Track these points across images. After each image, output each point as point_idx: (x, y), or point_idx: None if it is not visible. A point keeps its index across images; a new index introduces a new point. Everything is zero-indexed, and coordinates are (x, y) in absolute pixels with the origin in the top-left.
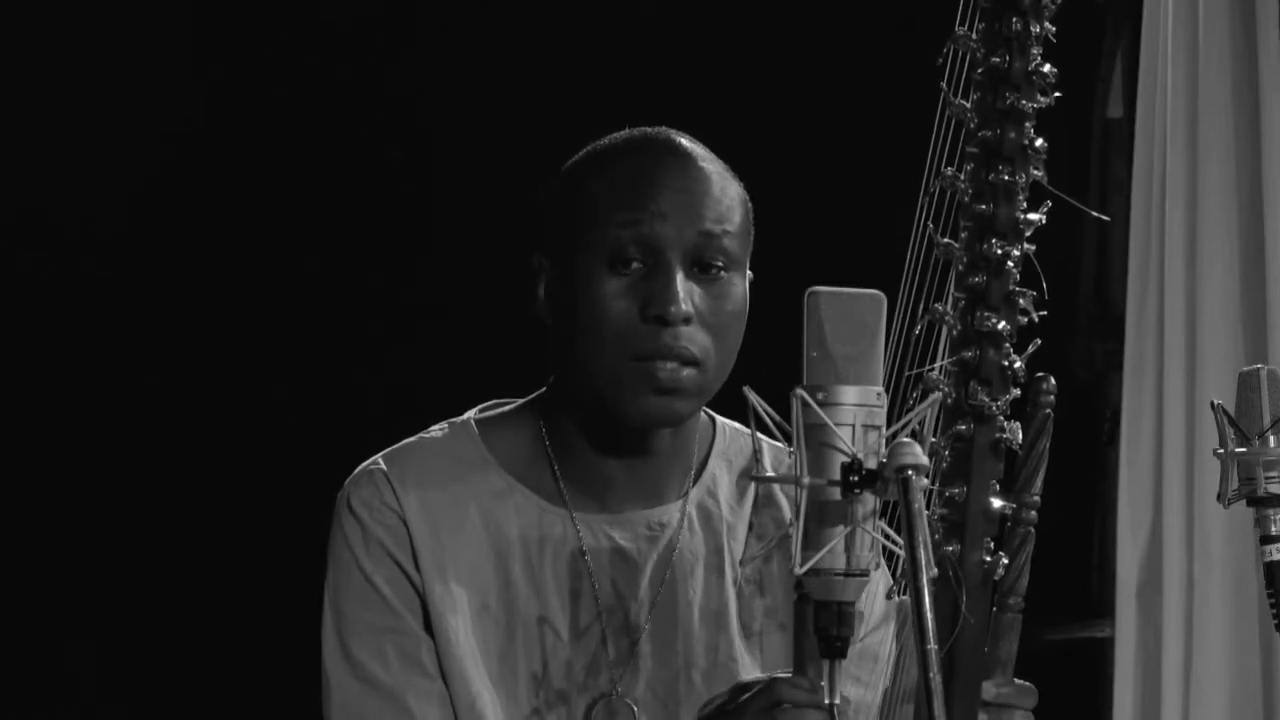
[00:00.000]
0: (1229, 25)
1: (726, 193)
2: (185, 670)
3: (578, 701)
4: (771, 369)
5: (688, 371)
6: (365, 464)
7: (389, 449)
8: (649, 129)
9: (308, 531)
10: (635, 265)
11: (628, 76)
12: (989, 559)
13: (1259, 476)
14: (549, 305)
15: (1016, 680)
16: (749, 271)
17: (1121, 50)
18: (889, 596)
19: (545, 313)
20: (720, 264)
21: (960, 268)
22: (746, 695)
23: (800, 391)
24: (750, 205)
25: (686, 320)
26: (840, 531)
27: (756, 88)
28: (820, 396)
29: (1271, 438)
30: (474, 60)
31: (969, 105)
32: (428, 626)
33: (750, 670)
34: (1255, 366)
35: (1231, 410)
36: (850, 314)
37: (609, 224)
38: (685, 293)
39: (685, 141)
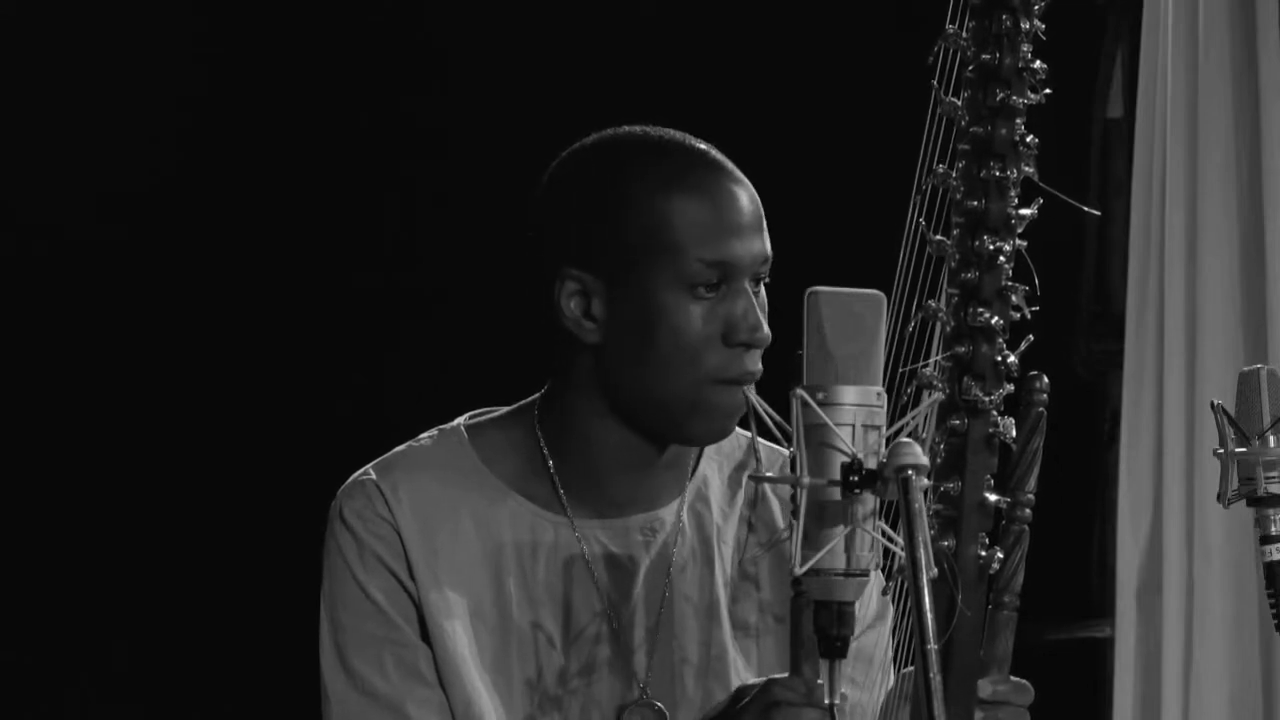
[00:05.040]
0: (1229, 25)
1: (761, 206)
2: (182, 678)
3: (572, 707)
4: (772, 369)
5: (747, 388)
6: (356, 474)
7: (380, 459)
8: (678, 138)
9: (304, 539)
10: (711, 289)
11: (628, 76)
12: (984, 554)
13: (1259, 476)
14: (604, 325)
15: (1012, 678)
16: None
17: (1121, 50)
18: (884, 593)
19: (590, 330)
20: (763, 280)
21: (953, 264)
22: (745, 700)
23: (800, 391)
24: None
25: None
26: (840, 531)
27: (753, 88)
28: (820, 396)
29: (1271, 438)
30: (472, 60)
31: (960, 103)
32: (424, 635)
33: (744, 667)
34: (1255, 366)
35: (1231, 410)
36: (850, 314)
37: (691, 251)
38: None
39: (715, 151)
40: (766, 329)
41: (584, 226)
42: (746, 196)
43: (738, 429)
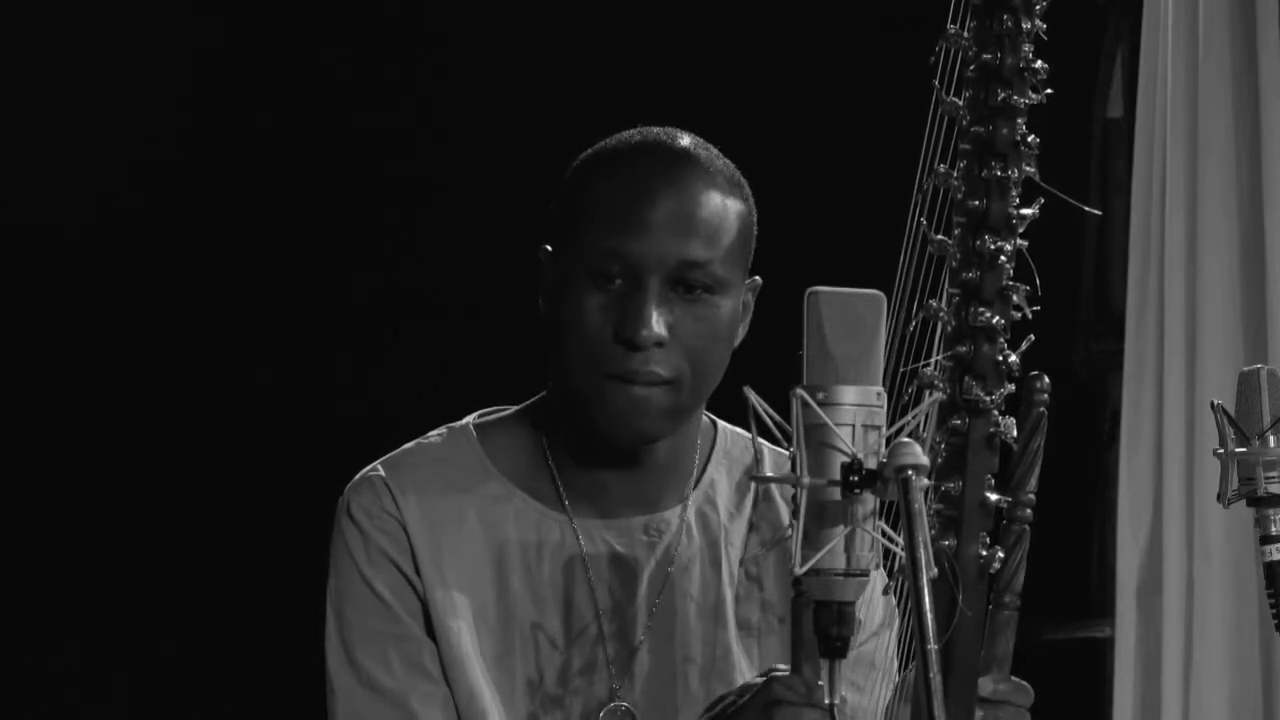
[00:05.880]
0: (1229, 25)
1: (721, 213)
2: (187, 675)
3: (574, 706)
4: (771, 369)
5: (657, 391)
6: (364, 471)
7: (388, 455)
8: (656, 133)
9: (309, 536)
10: (617, 282)
11: (628, 76)
12: (985, 553)
13: (1259, 476)
14: (544, 304)
15: (1013, 678)
16: (756, 278)
17: (1121, 50)
18: (885, 592)
19: (541, 310)
20: (703, 287)
21: (954, 264)
22: (746, 696)
23: (800, 391)
24: (753, 217)
25: (659, 344)
26: (840, 531)
27: (754, 87)
28: (820, 396)
29: (1271, 438)
30: (472, 60)
31: (961, 102)
32: (430, 631)
33: (747, 668)
34: (1255, 366)
35: (1231, 410)
36: (850, 314)
37: (594, 237)
38: (660, 316)
39: (690, 149)
40: (654, 330)
41: (549, 208)
42: (685, 198)
43: (740, 431)
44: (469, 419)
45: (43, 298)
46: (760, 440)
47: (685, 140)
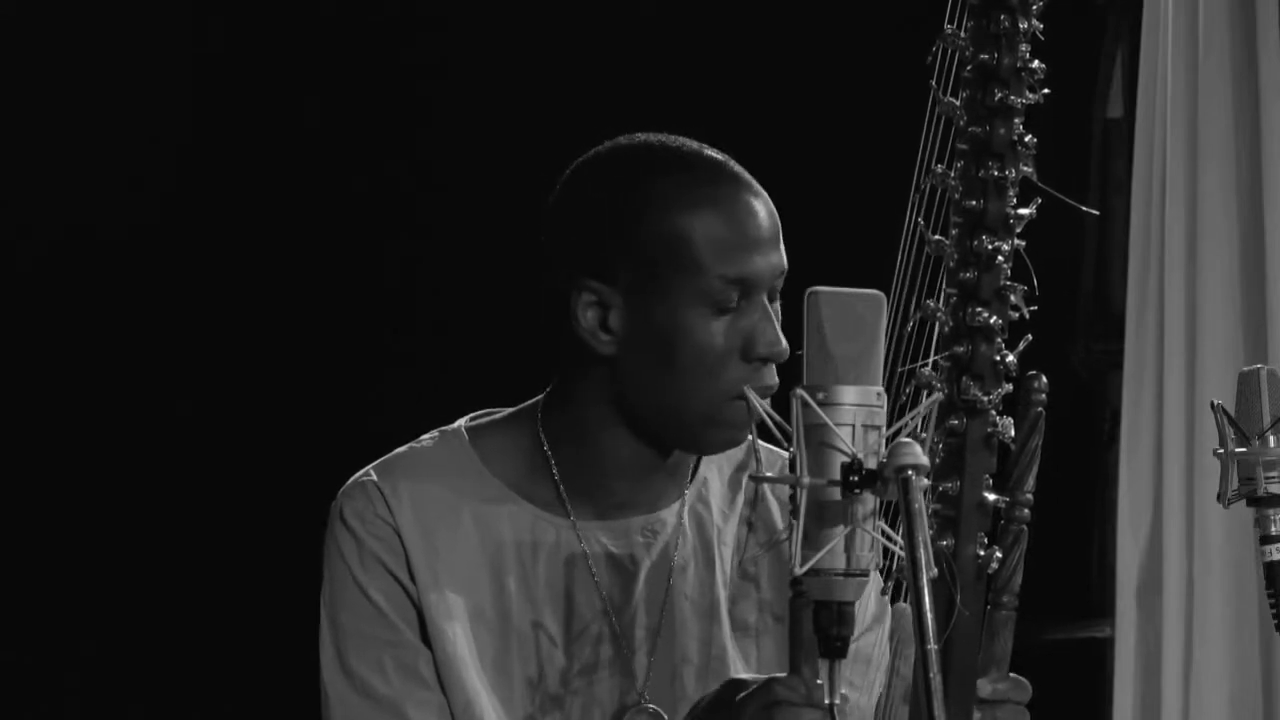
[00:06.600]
0: (1229, 25)
1: (778, 217)
2: (182, 678)
3: (573, 707)
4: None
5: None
6: (357, 475)
7: (380, 460)
8: (690, 147)
9: (309, 539)
10: (731, 304)
11: (628, 76)
12: (983, 553)
13: (1259, 476)
14: (621, 338)
15: (1011, 675)
16: None
17: (1121, 50)
18: (883, 593)
19: (605, 342)
20: (779, 290)
21: (951, 264)
22: (743, 694)
23: (800, 391)
24: None
25: None
26: (840, 531)
27: (753, 88)
28: (820, 396)
29: (1271, 438)
30: (472, 60)
31: (959, 102)
32: (424, 636)
33: (743, 668)
34: (1255, 366)
35: (1231, 410)
36: (850, 314)
37: (712, 268)
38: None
39: (733, 163)
40: (785, 343)
41: (601, 238)
42: (765, 210)
43: None
44: (461, 422)
45: (42, 298)
46: (758, 440)
47: (709, 148)
